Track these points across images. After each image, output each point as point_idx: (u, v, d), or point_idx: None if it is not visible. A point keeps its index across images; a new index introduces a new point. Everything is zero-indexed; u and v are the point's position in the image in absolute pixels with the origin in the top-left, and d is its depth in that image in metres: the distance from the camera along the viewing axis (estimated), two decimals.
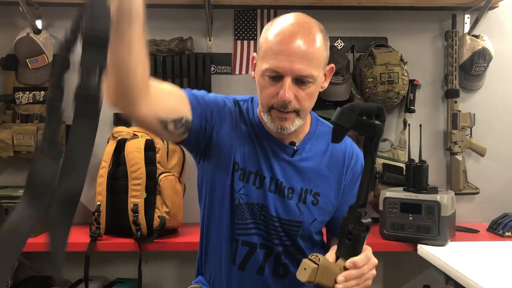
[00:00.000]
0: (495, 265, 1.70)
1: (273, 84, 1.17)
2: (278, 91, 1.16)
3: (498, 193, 2.51)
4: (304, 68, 1.14)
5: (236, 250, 1.30)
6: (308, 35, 1.17)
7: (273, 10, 2.47)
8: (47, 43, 2.33)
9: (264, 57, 1.17)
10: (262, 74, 1.18)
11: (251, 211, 1.28)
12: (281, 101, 1.16)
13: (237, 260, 1.30)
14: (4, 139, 2.24)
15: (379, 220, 2.14)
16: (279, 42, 1.16)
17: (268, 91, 1.18)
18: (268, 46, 1.17)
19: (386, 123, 2.53)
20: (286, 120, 1.19)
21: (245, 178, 1.27)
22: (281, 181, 1.28)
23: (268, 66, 1.15)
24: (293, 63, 1.14)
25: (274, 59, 1.15)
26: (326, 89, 2.36)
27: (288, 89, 1.14)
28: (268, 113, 1.21)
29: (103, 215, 2.09)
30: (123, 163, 2.11)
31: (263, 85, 1.19)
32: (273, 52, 1.15)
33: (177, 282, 2.47)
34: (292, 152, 1.29)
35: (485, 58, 2.42)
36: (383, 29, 2.49)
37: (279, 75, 1.16)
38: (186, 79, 2.40)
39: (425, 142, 2.29)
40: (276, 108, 1.18)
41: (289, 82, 1.15)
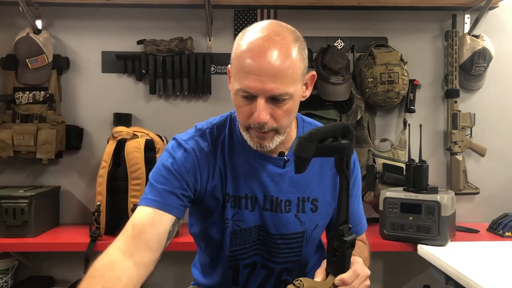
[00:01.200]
0: (495, 265, 1.70)
1: (248, 104, 1.10)
2: (252, 111, 1.10)
3: (498, 193, 2.51)
4: (277, 86, 1.06)
5: (238, 273, 1.29)
6: (280, 49, 1.07)
7: (273, 10, 2.47)
8: (47, 43, 2.33)
9: (236, 75, 1.10)
10: (236, 93, 1.12)
11: (249, 235, 1.25)
12: (257, 123, 1.09)
13: (240, 281, 1.30)
14: (4, 139, 2.24)
15: (379, 220, 2.14)
16: (249, 60, 1.06)
17: (243, 111, 1.12)
18: (239, 64, 1.09)
19: (386, 123, 2.57)
20: (265, 139, 1.14)
21: (236, 204, 1.22)
22: (276, 197, 1.24)
23: (240, 86, 1.08)
24: (265, 83, 1.05)
25: (244, 79, 1.07)
26: (326, 89, 2.40)
27: (262, 110, 1.08)
28: (246, 131, 1.16)
29: (103, 215, 2.09)
30: (123, 163, 2.11)
31: (238, 104, 1.13)
32: (243, 72, 1.07)
33: (176, 282, 2.47)
34: (283, 164, 1.23)
35: (485, 58, 2.42)
36: (383, 29, 2.49)
37: (251, 95, 1.09)
38: (186, 79, 2.40)
39: (425, 142, 2.29)
40: (253, 128, 1.12)
41: (262, 103, 1.08)
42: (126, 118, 2.42)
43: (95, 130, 2.45)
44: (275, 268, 1.29)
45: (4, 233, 2.09)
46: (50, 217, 2.32)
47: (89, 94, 2.46)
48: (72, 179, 2.45)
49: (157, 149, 2.15)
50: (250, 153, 1.22)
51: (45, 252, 2.34)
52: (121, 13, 2.44)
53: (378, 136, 2.49)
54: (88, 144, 2.45)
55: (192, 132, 1.25)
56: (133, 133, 2.17)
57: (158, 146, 2.16)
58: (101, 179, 2.11)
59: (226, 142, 1.23)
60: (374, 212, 2.39)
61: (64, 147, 2.36)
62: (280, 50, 1.07)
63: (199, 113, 1.70)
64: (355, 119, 2.35)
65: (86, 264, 2.03)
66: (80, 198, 2.45)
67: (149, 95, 2.44)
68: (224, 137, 1.23)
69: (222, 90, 2.46)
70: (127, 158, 2.09)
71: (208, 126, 1.25)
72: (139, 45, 2.43)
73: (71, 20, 2.44)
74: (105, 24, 2.45)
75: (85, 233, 2.17)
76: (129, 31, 2.44)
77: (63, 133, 2.34)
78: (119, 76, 2.45)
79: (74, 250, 2.15)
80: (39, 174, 2.44)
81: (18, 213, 2.09)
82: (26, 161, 2.36)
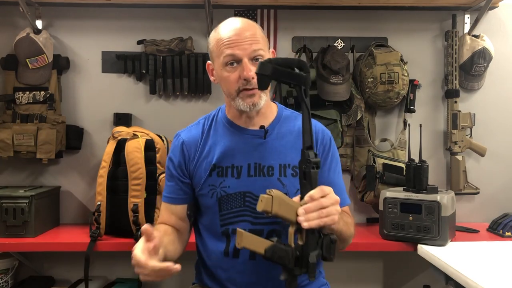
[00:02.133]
0: (495, 265, 1.70)
1: (234, 70, 1.36)
2: (239, 75, 1.35)
3: (498, 193, 2.51)
4: (256, 47, 1.35)
5: (228, 239, 1.42)
6: (250, 24, 1.40)
7: (273, 10, 2.47)
8: (47, 43, 2.33)
9: (219, 54, 1.38)
10: (223, 67, 1.38)
11: (235, 200, 1.41)
12: (245, 78, 1.34)
13: (230, 249, 1.42)
14: (4, 139, 2.24)
15: (379, 220, 2.14)
16: (229, 36, 1.36)
17: (232, 77, 1.37)
18: (221, 43, 1.37)
19: (385, 123, 2.57)
20: (254, 95, 1.37)
21: (223, 173, 1.43)
22: (259, 163, 1.42)
23: (226, 55, 1.35)
24: (245, 46, 1.34)
25: (229, 49, 1.35)
26: (326, 89, 2.41)
27: (248, 67, 1.33)
28: (237, 96, 1.38)
29: (103, 215, 2.08)
30: (123, 163, 2.11)
31: (225, 76, 1.38)
32: (226, 46, 1.35)
33: (177, 282, 2.48)
34: (264, 134, 1.44)
35: (485, 58, 2.42)
36: (383, 29, 2.49)
37: (237, 60, 1.35)
38: (186, 79, 2.40)
39: (425, 142, 2.29)
40: (243, 88, 1.36)
41: (246, 62, 1.34)
42: (126, 118, 2.42)
43: (95, 130, 2.45)
44: (264, 229, 1.40)
45: (4, 233, 2.09)
46: (50, 217, 2.32)
47: (89, 94, 2.46)
48: (72, 179, 2.45)
49: (157, 149, 2.14)
50: (234, 130, 1.46)
51: (45, 252, 2.34)
52: (121, 13, 2.45)
53: (378, 136, 2.49)
54: (88, 144, 2.45)
55: (191, 124, 1.55)
56: (133, 133, 2.17)
57: (158, 146, 2.15)
58: (101, 179, 2.11)
59: (214, 124, 1.50)
60: (374, 212, 2.39)
61: (64, 147, 2.36)
62: (248, 23, 1.40)
63: (199, 113, 1.69)
64: (355, 119, 2.35)
65: (87, 264, 2.04)
66: (80, 198, 2.45)
67: (149, 95, 2.44)
68: (212, 121, 1.51)
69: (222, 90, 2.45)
70: (127, 158, 2.09)
71: (203, 117, 1.55)
72: (139, 45, 2.43)
73: (71, 20, 2.44)
74: (105, 24, 2.45)
75: (85, 233, 2.18)
76: (129, 31, 2.44)
77: (63, 133, 2.34)
78: (119, 76, 2.46)
79: (74, 250, 2.15)
80: (39, 174, 2.44)
81: (18, 213, 2.09)
82: (26, 161, 2.37)
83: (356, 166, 2.41)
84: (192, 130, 1.52)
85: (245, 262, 1.41)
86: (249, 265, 1.41)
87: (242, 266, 1.41)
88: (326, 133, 1.52)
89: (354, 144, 2.42)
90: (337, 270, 1.69)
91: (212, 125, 1.50)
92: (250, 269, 1.41)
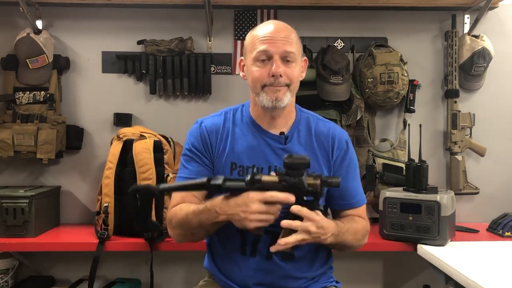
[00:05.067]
0: (495, 265, 1.70)
1: (264, 66, 1.41)
2: (269, 71, 1.39)
3: (498, 193, 2.51)
4: (287, 47, 1.41)
5: (245, 237, 1.45)
6: (286, 27, 1.46)
7: (273, 10, 2.47)
8: (47, 43, 2.33)
9: (253, 48, 1.43)
10: (254, 62, 1.43)
11: None
12: (273, 75, 1.39)
13: (247, 247, 1.46)
14: (4, 139, 2.24)
15: (379, 220, 2.14)
16: (264, 33, 1.42)
17: (261, 73, 1.41)
18: (256, 39, 1.43)
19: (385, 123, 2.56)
20: (279, 91, 1.40)
21: (244, 173, 1.45)
22: (279, 167, 1.44)
23: (259, 50, 1.40)
24: (278, 45, 1.40)
25: (262, 45, 1.40)
26: (326, 89, 2.41)
27: (278, 64, 1.39)
28: (262, 91, 1.42)
29: (111, 216, 2.07)
30: (131, 164, 2.09)
31: (256, 70, 1.42)
32: (260, 41, 1.41)
33: (186, 281, 2.48)
34: (284, 140, 1.48)
35: (485, 58, 2.42)
36: (383, 29, 2.49)
37: (268, 57, 1.40)
38: (186, 79, 2.40)
39: (425, 142, 2.29)
40: (269, 85, 1.40)
41: (277, 59, 1.39)
42: (126, 118, 2.42)
43: (95, 130, 2.45)
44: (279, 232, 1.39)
45: (5, 233, 2.09)
46: (51, 217, 2.32)
47: (89, 94, 2.46)
48: (72, 179, 2.45)
49: (165, 150, 2.14)
50: (256, 130, 1.49)
51: (45, 252, 2.34)
52: (121, 13, 2.45)
53: (378, 136, 2.49)
54: (88, 144, 2.45)
55: (213, 114, 1.57)
56: (140, 133, 2.16)
57: (165, 147, 2.15)
58: (107, 180, 2.10)
59: (236, 119, 1.52)
60: (374, 212, 2.39)
61: (64, 147, 2.36)
62: (285, 25, 1.46)
63: (199, 113, 1.70)
64: (355, 119, 2.35)
65: (94, 265, 2.03)
66: (80, 198, 2.45)
67: (149, 95, 2.44)
68: (235, 115, 1.53)
69: (222, 90, 2.46)
70: (136, 158, 2.08)
71: (226, 109, 1.57)
72: (139, 45, 2.43)
73: (71, 20, 2.44)
74: (105, 24, 2.45)
75: (86, 233, 2.18)
76: (129, 31, 2.44)
77: (63, 133, 2.34)
78: (119, 76, 2.46)
79: (74, 250, 2.16)
80: (40, 174, 2.44)
81: (18, 213, 2.09)
82: (27, 161, 2.36)
83: None
84: (214, 119, 1.54)
85: (262, 261, 1.45)
86: (265, 265, 1.45)
87: (258, 265, 1.45)
88: (342, 137, 1.54)
89: (354, 144, 2.42)
90: (337, 270, 1.69)
91: (234, 119, 1.53)
92: (266, 269, 1.45)
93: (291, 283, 1.47)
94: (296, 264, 1.46)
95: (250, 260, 1.46)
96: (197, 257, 1.62)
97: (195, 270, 2.44)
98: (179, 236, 1.46)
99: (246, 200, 1.25)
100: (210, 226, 1.36)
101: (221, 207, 1.30)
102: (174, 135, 2.26)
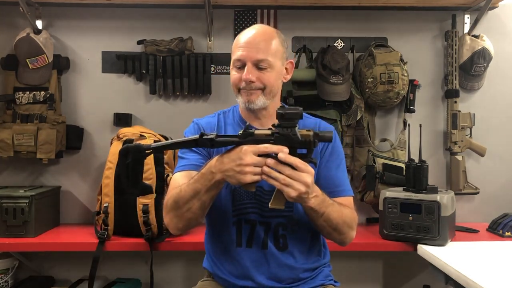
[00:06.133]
0: (495, 265, 1.70)
1: (240, 72, 1.49)
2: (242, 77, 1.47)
3: (498, 193, 2.51)
4: (259, 55, 1.46)
5: (240, 229, 1.50)
6: (263, 32, 1.51)
7: (273, 10, 2.47)
8: (47, 43, 2.33)
9: (233, 53, 1.52)
10: (232, 67, 1.52)
11: (246, 193, 1.49)
12: (244, 81, 1.47)
13: (243, 239, 1.50)
14: (4, 139, 2.24)
15: (379, 220, 2.15)
16: (244, 40, 1.49)
17: (236, 77, 1.50)
18: (234, 46, 1.52)
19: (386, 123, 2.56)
20: (252, 95, 1.48)
21: None
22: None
23: (235, 57, 1.50)
24: (250, 52, 1.46)
25: (237, 52, 1.49)
26: (326, 89, 2.41)
27: (248, 71, 1.46)
28: (238, 93, 1.51)
29: (111, 216, 2.07)
30: None
31: (233, 74, 1.52)
32: (237, 48, 1.50)
33: (185, 280, 2.48)
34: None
35: (485, 58, 2.42)
36: (383, 29, 2.49)
37: (242, 63, 1.48)
38: (186, 79, 2.40)
39: (425, 142, 2.29)
40: (243, 89, 1.49)
41: (249, 66, 1.46)
42: (126, 118, 2.42)
43: (95, 130, 2.45)
44: (271, 222, 1.50)
45: (4, 233, 2.09)
46: (50, 217, 2.32)
47: (89, 94, 2.46)
48: (72, 179, 2.45)
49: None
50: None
51: (45, 252, 2.34)
52: (121, 13, 2.45)
53: (378, 136, 2.49)
54: (88, 144, 2.45)
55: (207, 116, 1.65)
56: (140, 134, 2.16)
57: None
58: (107, 180, 2.10)
59: (228, 119, 1.60)
60: (374, 212, 2.39)
61: (64, 147, 2.36)
62: (263, 32, 1.51)
63: (199, 113, 1.70)
64: (355, 119, 2.35)
65: (94, 265, 2.03)
66: (80, 198, 2.45)
67: (149, 95, 2.45)
68: (226, 116, 1.62)
69: (222, 90, 2.46)
70: None
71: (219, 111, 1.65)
72: (139, 45, 2.43)
73: (71, 20, 2.44)
74: (105, 24, 2.45)
75: (85, 233, 2.18)
76: (129, 31, 2.44)
77: (63, 133, 2.34)
78: (119, 76, 2.46)
79: (74, 250, 2.16)
80: (39, 174, 2.44)
81: (18, 213, 2.09)
82: (26, 161, 2.36)
83: (356, 166, 2.41)
84: (209, 119, 1.62)
85: (258, 251, 1.49)
86: (261, 255, 1.49)
87: (254, 255, 1.49)
88: (327, 129, 1.59)
89: (354, 144, 2.42)
90: (337, 269, 1.69)
91: (226, 119, 1.60)
92: (263, 259, 1.49)
93: (288, 273, 1.50)
94: (290, 254, 1.51)
95: (247, 251, 1.50)
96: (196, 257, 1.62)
97: (195, 270, 2.43)
98: (174, 219, 1.43)
99: (240, 154, 1.26)
100: (205, 194, 1.35)
101: (216, 165, 1.31)
102: (174, 135, 2.26)
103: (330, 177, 1.52)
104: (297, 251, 1.52)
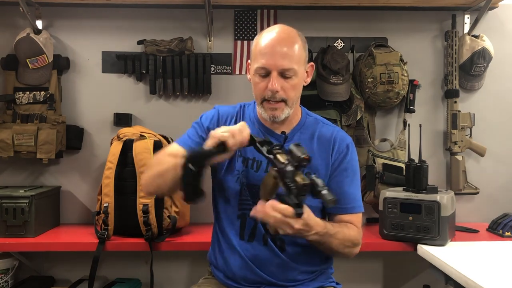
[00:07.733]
0: (495, 265, 1.71)
1: (263, 80, 1.45)
2: (267, 85, 1.44)
3: (498, 193, 2.51)
4: (286, 63, 1.43)
5: (244, 223, 1.53)
6: (288, 38, 1.47)
7: (273, 10, 2.47)
8: (47, 43, 2.33)
9: (255, 59, 1.48)
10: (254, 73, 1.48)
11: (251, 192, 1.51)
12: (270, 91, 1.44)
13: (245, 233, 1.53)
14: (4, 139, 2.24)
15: (379, 220, 2.15)
16: (266, 46, 1.45)
17: (260, 86, 1.46)
18: (258, 50, 1.47)
19: (385, 123, 2.56)
20: (276, 109, 1.47)
21: (245, 163, 1.53)
22: None
23: (258, 65, 1.45)
24: (277, 60, 1.43)
25: (262, 59, 1.44)
26: (326, 89, 2.41)
27: (274, 81, 1.43)
28: (261, 105, 1.49)
29: (111, 216, 2.07)
30: (131, 164, 2.10)
31: (256, 82, 1.48)
32: (261, 54, 1.45)
33: (188, 279, 2.47)
34: (283, 139, 1.52)
35: (485, 58, 2.42)
36: (383, 29, 2.49)
37: (267, 72, 1.44)
38: (186, 79, 2.40)
39: (425, 142, 2.29)
40: (267, 99, 1.46)
41: (275, 75, 1.43)
42: (126, 118, 2.42)
43: (95, 130, 2.45)
44: None
45: (5, 233, 2.09)
46: (51, 217, 2.32)
47: (89, 94, 2.46)
48: (72, 179, 2.45)
49: None
50: (260, 127, 1.57)
51: (45, 252, 2.34)
52: (121, 13, 2.45)
53: (378, 136, 2.49)
54: (88, 144, 2.45)
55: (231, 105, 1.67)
56: (140, 133, 2.16)
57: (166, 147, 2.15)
58: (108, 180, 2.10)
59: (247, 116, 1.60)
60: (374, 212, 2.39)
61: (64, 147, 2.36)
62: (288, 38, 1.47)
63: (199, 113, 1.69)
64: (355, 119, 2.35)
65: (94, 265, 2.03)
66: (80, 198, 2.45)
67: (149, 95, 2.45)
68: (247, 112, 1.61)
69: (222, 90, 2.46)
70: (136, 158, 2.08)
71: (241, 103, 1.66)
72: (139, 45, 2.43)
73: (71, 20, 2.44)
74: (105, 24, 2.45)
75: (86, 233, 2.18)
76: (129, 31, 2.44)
77: (63, 133, 2.34)
78: (119, 76, 2.46)
79: (74, 250, 2.16)
80: (40, 174, 2.44)
81: (18, 213, 2.09)
82: (27, 161, 2.37)
83: None
84: (230, 108, 1.64)
85: (259, 246, 1.52)
86: (262, 251, 1.51)
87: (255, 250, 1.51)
88: (343, 141, 1.57)
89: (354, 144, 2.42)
90: (337, 270, 1.69)
91: (245, 113, 1.62)
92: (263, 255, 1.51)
93: (288, 273, 1.51)
94: (290, 254, 1.52)
95: (249, 245, 1.52)
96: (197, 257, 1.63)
97: (195, 269, 2.44)
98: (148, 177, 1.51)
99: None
100: None
101: None
102: (174, 135, 2.26)
103: (342, 193, 1.51)
104: (297, 252, 1.52)
